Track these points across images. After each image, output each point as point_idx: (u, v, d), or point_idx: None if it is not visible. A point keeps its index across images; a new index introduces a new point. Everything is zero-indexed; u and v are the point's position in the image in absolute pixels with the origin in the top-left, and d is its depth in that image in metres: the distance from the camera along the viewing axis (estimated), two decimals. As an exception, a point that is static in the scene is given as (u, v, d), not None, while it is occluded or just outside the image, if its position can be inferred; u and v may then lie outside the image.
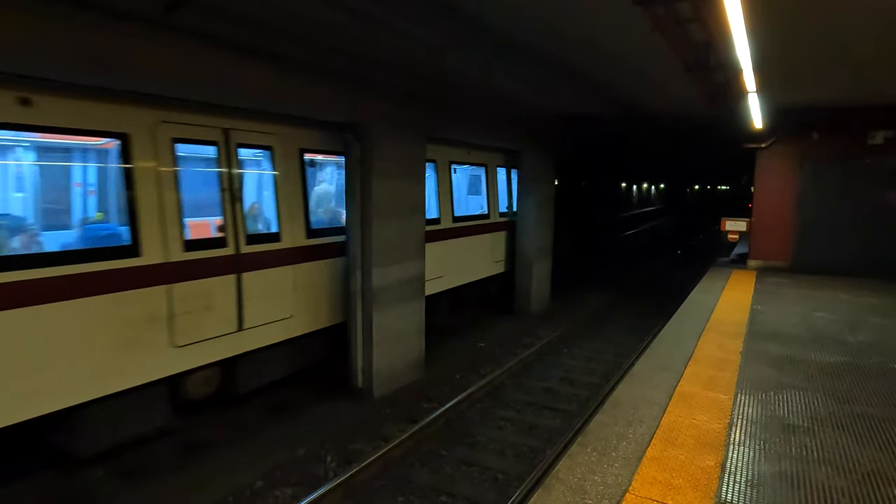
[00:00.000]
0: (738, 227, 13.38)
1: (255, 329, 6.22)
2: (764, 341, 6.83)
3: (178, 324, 5.42)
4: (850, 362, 6.16)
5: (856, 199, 11.49)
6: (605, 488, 3.54)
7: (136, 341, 5.08)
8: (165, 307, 5.31)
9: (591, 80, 8.49)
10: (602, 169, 22.06)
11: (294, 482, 5.36)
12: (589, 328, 11.29)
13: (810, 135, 11.65)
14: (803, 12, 5.07)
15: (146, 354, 5.19)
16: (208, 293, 5.71)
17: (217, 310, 5.80)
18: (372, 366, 7.20)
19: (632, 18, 4.72)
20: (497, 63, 6.62)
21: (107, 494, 5.04)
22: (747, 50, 5.34)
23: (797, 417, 4.69)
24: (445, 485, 5.45)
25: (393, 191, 7.26)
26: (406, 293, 7.71)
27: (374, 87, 6.77)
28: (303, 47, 5.54)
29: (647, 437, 4.24)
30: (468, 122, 9.25)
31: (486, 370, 8.41)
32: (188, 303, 5.51)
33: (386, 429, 6.48)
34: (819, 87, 8.92)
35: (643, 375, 5.60)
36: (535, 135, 11.34)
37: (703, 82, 6.93)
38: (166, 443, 5.74)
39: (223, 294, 5.87)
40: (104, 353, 4.84)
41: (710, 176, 48.73)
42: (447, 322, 10.13)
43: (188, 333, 5.52)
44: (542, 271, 12.09)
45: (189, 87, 5.05)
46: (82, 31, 4.13)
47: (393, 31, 5.16)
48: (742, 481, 3.65)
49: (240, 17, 4.77)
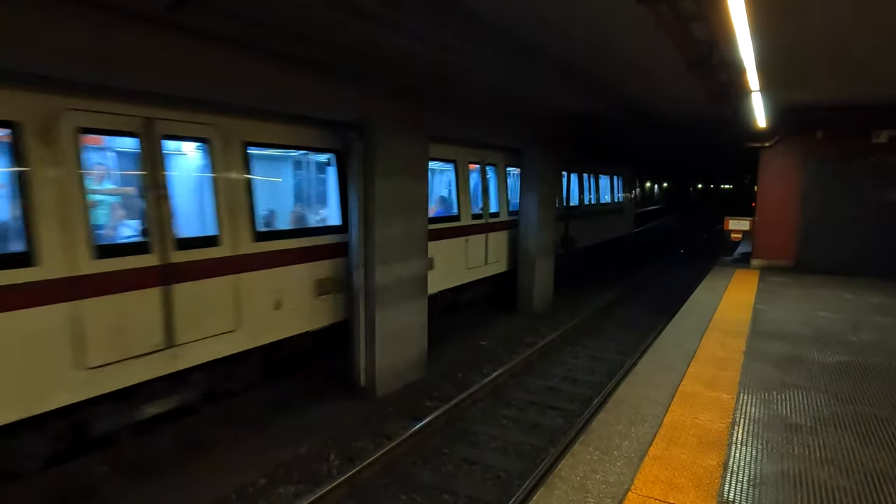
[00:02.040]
0: (742, 227, 13.37)
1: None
2: (767, 340, 6.83)
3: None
4: (854, 362, 6.15)
5: (860, 199, 11.46)
6: (607, 487, 3.54)
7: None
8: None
9: (594, 79, 8.48)
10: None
11: (297, 480, 5.38)
12: (592, 327, 11.28)
13: (814, 134, 11.62)
14: (807, 10, 5.06)
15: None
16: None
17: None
18: (374, 364, 7.22)
19: (635, 17, 4.71)
20: (499, 62, 6.61)
21: (110, 491, 5.07)
22: (751, 48, 5.33)
23: (800, 417, 4.68)
24: (448, 483, 5.46)
25: (395, 189, 7.27)
26: (408, 291, 7.72)
27: (376, 85, 6.78)
28: (305, 45, 5.55)
29: (650, 436, 4.24)
30: (470, 120, 9.25)
31: (488, 369, 8.42)
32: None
33: (388, 427, 6.50)
34: (823, 85, 8.89)
35: (646, 374, 5.60)
36: (538, 133, 11.33)
37: (706, 81, 6.91)
38: (168, 440, 5.76)
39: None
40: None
41: (713, 175, 48.65)
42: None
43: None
44: (544, 269, 12.09)
45: (187, 86, 5.01)
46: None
47: (396, 29, 5.16)
48: (744, 480, 3.65)
49: (241, 14, 4.77)
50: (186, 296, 5.42)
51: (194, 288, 5.48)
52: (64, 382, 4.57)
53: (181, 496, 5.07)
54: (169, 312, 5.27)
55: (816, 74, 7.97)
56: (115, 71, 4.43)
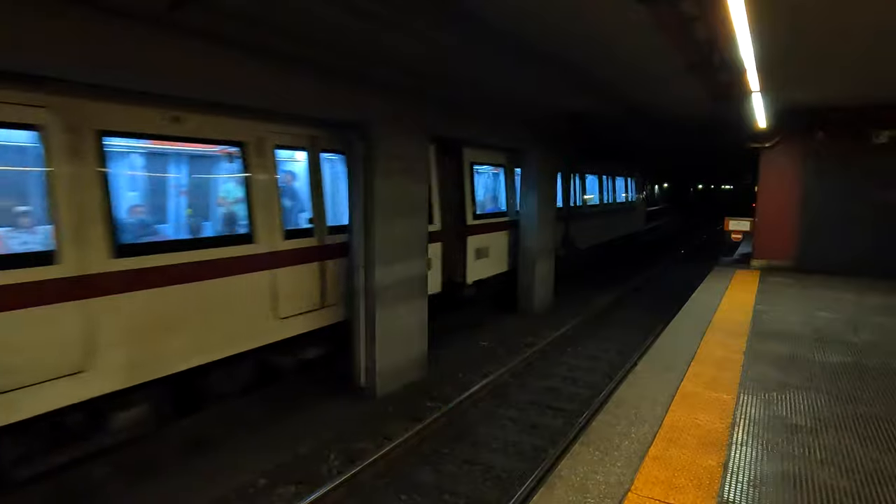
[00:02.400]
0: (742, 227, 13.37)
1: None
2: (767, 341, 6.83)
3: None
4: (854, 362, 6.15)
5: (860, 199, 11.46)
6: (607, 487, 3.54)
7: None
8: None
9: (594, 79, 8.48)
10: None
11: (297, 480, 5.38)
12: (592, 327, 11.28)
13: (815, 134, 11.62)
14: (808, 11, 5.06)
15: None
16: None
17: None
18: (375, 364, 7.22)
19: (635, 17, 4.72)
20: (501, 62, 6.61)
21: (111, 491, 5.07)
22: (751, 49, 5.33)
23: (800, 417, 4.68)
24: (448, 483, 5.46)
25: (396, 189, 7.27)
26: (409, 292, 7.72)
27: (377, 85, 6.78)
28: (305, 45, 5.55)
29: (650, 437, 4.24)
30: (471, 120, 9.25)
31: (488, 369, 8.42)
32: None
33: (389, 427, 6.50)
34: (823, 86, 8.89)
35: (646, 375, 5.60)
36: (539, 133, 11.33)
37: (706, 81, 6.93)
38: (170, 440, 5.77)
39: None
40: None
41: (714, 175, 48.64)
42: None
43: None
44: (544, 270, 12.09)
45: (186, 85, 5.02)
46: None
47: (397, 30, 5.16)
48: (744, 481, 3.65)
49: (240, 14, 4.77)
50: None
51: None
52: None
53: (181, 496, 5.07)
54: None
55: (816, 75, 7.97)
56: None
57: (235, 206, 6.31)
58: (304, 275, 6.77)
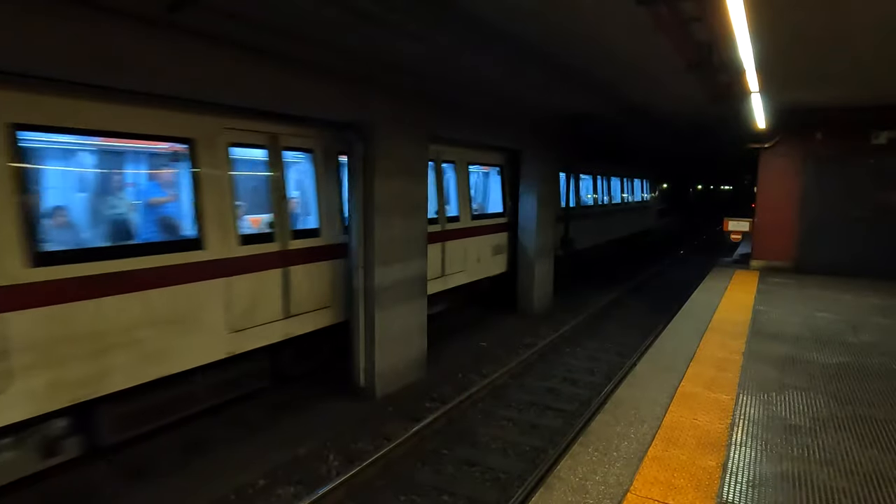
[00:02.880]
0: (741, 228, 13.37)
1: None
2: (766, 342, 6.83)
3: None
4: (853, 363, 6.15)
5: (859, 200, 11.46)
6: (606, 488, 3.54)
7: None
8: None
9: (593, 80, 8.48)
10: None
11: (296, 481, 5.38)
12: (591, 327, 11.28)
13: (814, 135, 11.62)
14: (807, 12, 5.07)
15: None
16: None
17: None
18: (374, 365, 7.22)
19: (634, 18, 4.72)
20: (500, 63, 6.62)
21: (110, 491, 5.07)
22: (751, 49, 5.33)
23: (799, 418, 4.68)
24: (447, 484, 5.46)
25: (395, 189, 7.27)
26: (408, 292, 7.72)
27: (377, 86, 6.78)
28: (306, 46, 5.55)
29: (649, 437, 4.24)
30: (471, 121, 9.25)
31: (488, 370, 8.42)
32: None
33: (388, 428, 6.50)
34: (823, 87, 8.90)
35: (645, 375, 5.60)
36: (537, 134, 11.33)
37: (705, 82, 6.93)
38: (170, 440, 5.76)
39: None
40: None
41: (713, 176, 48.63)
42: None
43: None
44: (543, 270, 12.09)
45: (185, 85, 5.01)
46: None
47: (396, 31, 5.16)
48: (743, 482, 3.65)
49: (240, 15, 4.77)
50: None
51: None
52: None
53: (180, 496, 5.07)
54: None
55: (816, 75, 7.98)
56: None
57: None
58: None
